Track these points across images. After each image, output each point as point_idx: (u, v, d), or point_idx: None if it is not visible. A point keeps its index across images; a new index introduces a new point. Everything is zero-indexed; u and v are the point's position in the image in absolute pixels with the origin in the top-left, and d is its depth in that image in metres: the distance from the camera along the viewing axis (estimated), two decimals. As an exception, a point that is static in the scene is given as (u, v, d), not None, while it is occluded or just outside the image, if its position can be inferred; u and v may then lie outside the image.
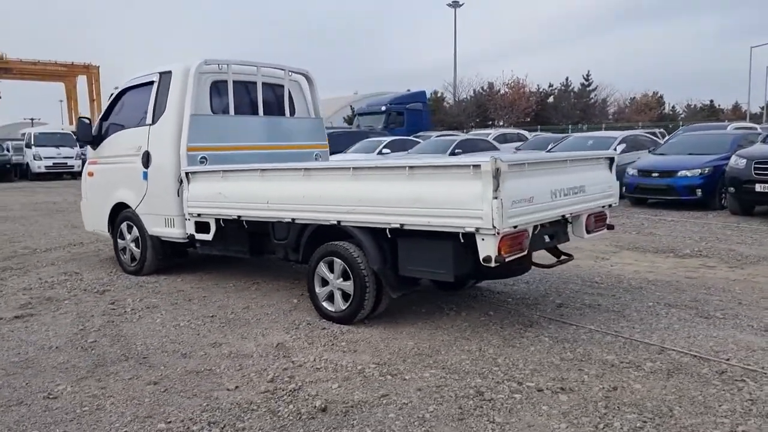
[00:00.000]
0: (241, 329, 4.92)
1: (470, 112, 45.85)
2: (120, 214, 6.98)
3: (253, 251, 5.99)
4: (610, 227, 5.49)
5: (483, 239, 4.03)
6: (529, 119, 45.56)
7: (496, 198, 3.91)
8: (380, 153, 18.20)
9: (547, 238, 4.92)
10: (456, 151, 16.73)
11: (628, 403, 3.47)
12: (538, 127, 36.30)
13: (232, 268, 7.04)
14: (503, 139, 21.85)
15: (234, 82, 6.55)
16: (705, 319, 5.00)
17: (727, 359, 4.10)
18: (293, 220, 5.18)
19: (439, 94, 50.12)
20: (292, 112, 7.25)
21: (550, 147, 15.99)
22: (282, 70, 7.05)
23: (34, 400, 3.62)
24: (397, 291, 4.74)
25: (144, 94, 6.66)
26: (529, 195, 4.21)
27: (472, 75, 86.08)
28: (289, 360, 4.22)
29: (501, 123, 45.52)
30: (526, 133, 24.56)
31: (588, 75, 51.67)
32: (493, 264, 4.03)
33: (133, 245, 6.84)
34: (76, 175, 23.23)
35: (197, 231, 6.08)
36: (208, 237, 5.98)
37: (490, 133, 22.43)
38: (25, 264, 7.65)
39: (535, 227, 4.44)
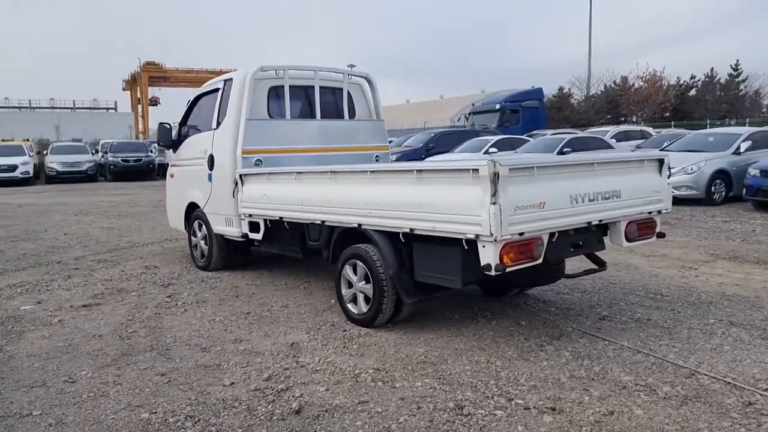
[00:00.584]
0: (267, 327, 5.08)
1: (599, 108, 43.57)
2: (193, 213, 7.47)
3: (303, 251, 6.15)
4: (661, 235, 5.00)
5: (483, 246, 3.86)
6: (667, 114, 42.43)
7: (494, 204, 3.72)
8: (487, 152, 17.90)
9: (575, 246, 4.60)
10: (564, 150, 16.04)
11: (618, 430, 3.16)
12: (672, 123, 33.65)
13: (292, 267, 7.25)
14: (624, 136, 20.53)
15: (291, 87, 6.76)
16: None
17: (766, 389, 3.61)
18: (323, 222, 5.26)
19: (565, 90, 48.13)
20: (353, 115, 7.34)
21: (665, 145, 14.84)
22: (341, 73, 7.17)
23: (55, 383, 3.99)
24: (413, 297, 4.65)
25: (212, 101, 7.08)
26: (539, 200, 3.96)
27: (603, 69, 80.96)
28: (295, 360, 4.30)
29: (634, 119, 42.79)
30: (650, 130, 22.90)
31: (737, 65, 47.11)
32: (493, 273, 3.84)
33: (202, 242, 7.30)
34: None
35: (250, 230, 6.36)
36: (259, 236, 6.24)
37: (609, 131, 21.16)
38: (119, 257, 8.41)
39: (553, 234, 4.16)
